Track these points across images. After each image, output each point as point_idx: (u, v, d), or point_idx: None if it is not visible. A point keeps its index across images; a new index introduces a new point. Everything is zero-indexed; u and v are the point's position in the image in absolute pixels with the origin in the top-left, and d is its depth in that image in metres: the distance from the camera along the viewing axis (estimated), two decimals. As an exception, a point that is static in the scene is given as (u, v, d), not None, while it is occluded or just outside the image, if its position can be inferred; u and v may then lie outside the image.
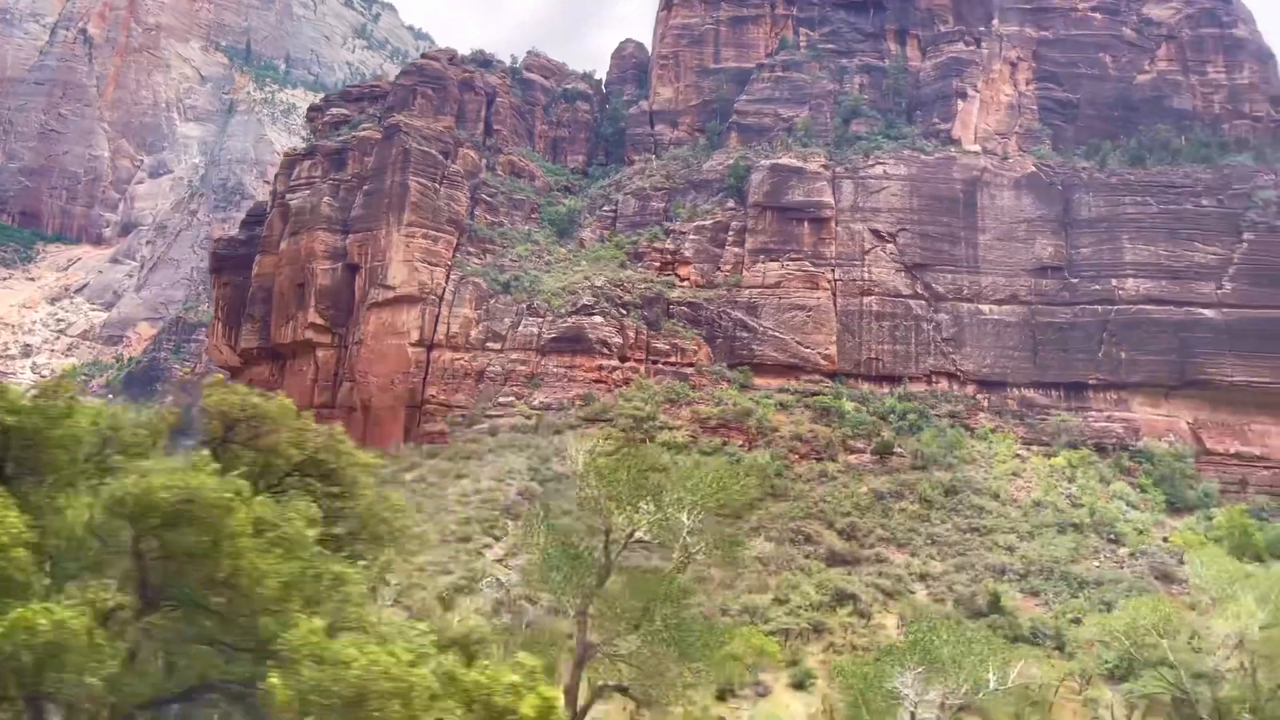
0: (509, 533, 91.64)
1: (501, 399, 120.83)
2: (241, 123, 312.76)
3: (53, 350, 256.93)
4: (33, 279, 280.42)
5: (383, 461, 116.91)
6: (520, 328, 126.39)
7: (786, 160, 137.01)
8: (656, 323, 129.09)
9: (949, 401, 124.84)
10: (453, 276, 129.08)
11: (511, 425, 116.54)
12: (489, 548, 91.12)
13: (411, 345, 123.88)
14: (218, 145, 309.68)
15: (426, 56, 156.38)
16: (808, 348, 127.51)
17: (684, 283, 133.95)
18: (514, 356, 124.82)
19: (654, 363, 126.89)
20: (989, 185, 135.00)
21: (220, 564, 18.38)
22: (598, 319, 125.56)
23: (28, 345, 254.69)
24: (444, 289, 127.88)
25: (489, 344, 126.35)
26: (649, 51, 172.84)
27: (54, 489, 20.47)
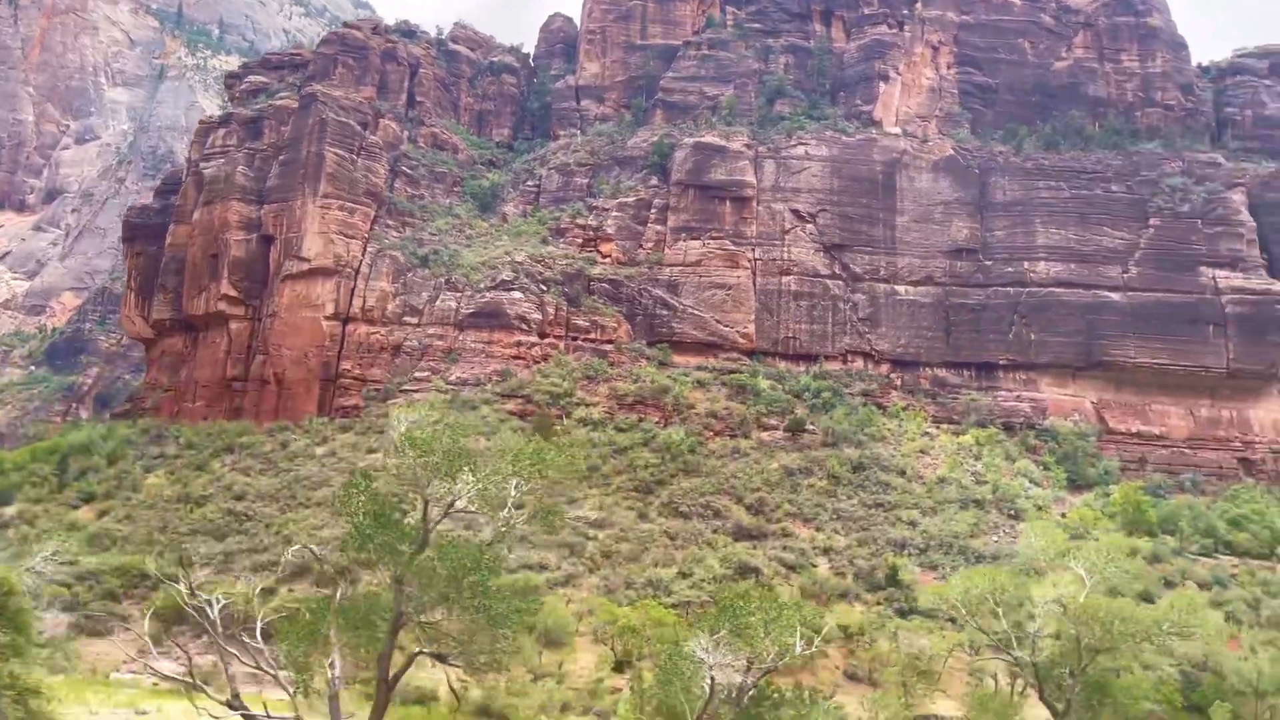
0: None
1: (418, 374, 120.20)
2: (172, 89, 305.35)
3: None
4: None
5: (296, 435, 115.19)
6: (438, 302, 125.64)
7: (710, 139, 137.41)
8: (577, 299, 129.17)
9: (863, 380, 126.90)
10: (370, 249, 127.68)
11: (427, 400, 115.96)
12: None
13: (326, 318, 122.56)
14: (147, 111, 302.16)
15: (348, 25, 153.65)
16: (726, 326, 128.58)
17: (605, 259, 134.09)
18: (431, 331, 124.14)
19: (573, 339, 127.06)
20: (908, 167, 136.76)
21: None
22: (517, 295, 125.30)
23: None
24: (360, 262, 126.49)
25: (406, 318, 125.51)
26: (578, 26, 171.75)
27: None
